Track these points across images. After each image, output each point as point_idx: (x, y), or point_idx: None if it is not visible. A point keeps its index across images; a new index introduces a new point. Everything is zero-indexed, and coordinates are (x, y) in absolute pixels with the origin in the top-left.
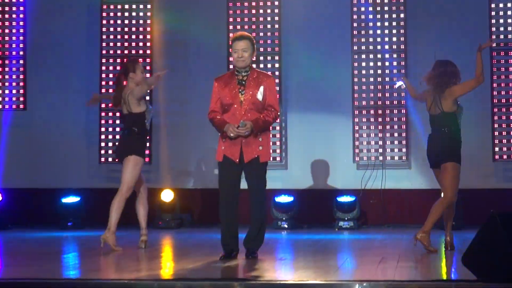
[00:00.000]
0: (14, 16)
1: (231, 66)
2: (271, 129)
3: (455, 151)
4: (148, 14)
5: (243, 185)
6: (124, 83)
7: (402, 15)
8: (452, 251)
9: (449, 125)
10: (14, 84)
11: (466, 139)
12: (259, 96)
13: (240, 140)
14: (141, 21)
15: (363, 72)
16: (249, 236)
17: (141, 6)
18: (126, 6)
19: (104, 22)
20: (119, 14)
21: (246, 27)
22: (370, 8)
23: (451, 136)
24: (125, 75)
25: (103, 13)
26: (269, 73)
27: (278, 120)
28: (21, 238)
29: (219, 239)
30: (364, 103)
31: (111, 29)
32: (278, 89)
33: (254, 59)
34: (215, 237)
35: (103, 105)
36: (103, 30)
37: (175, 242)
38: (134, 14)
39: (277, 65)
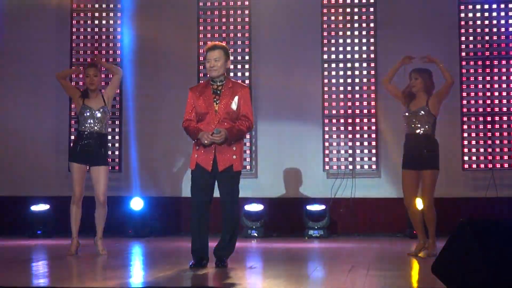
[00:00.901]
0: None
1: (201, 75)
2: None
3: None
4: (118, 22)
5: (215, 194)
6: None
7: (372, 24)
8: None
9: None
10: None
11: None
12: (234, 106)
13: (213, 149)
14: (111, 29)
15: (333, 81)
16: (220, 245)
17: (111, 14)
18: (96, 14)
19: (74, 30)
20: (89, 22)
21: (216, 35)
22: (340, 17)
23: None
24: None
25: (73, 21)
26: (240, 81)
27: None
28: None
29: (189, 247)
30: (334, 112)
31: (81, 37)
32: None
33: (228, 67)
34: (185, 245)
35: (73, 113)
36: (73, 38)
37: (144, 251)
38: (104, 22)
39: (247, 74)
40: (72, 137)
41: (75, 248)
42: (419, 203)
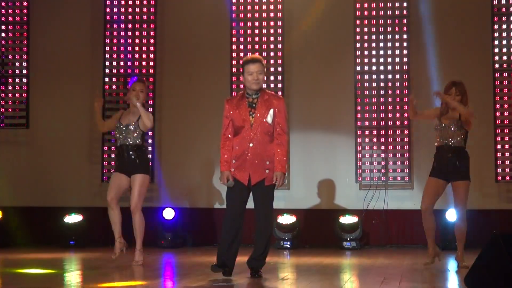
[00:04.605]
0: (17, 34)
1: (234, 86)
2: None
3: None
4: (152, 33)
5: (249, 205)
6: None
7: (405, 36)
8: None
9: None
10: (16, 102)
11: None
12: (269, 118)
13: (248, 164)
14: (144, 41)
15: (366, 92)
16: (254, 256)
17: (145, 26)
18: (130, 26)
19: (108, 41)
20: (122, 33)
21: (249, 47)
22: (373, 29)
23: None
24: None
25: (107, 32)
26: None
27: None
28: (23, 257)
29: None
30: (367, 123)
31: (114, 48)
32: None
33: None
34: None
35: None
36: (107, 49)
37: (176, 262)
38: (137, 33)
39: (279, 85)
40: (105, 148)
41: (118, 250)
42: (451, 215)
